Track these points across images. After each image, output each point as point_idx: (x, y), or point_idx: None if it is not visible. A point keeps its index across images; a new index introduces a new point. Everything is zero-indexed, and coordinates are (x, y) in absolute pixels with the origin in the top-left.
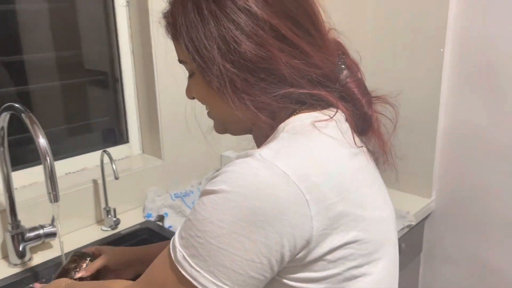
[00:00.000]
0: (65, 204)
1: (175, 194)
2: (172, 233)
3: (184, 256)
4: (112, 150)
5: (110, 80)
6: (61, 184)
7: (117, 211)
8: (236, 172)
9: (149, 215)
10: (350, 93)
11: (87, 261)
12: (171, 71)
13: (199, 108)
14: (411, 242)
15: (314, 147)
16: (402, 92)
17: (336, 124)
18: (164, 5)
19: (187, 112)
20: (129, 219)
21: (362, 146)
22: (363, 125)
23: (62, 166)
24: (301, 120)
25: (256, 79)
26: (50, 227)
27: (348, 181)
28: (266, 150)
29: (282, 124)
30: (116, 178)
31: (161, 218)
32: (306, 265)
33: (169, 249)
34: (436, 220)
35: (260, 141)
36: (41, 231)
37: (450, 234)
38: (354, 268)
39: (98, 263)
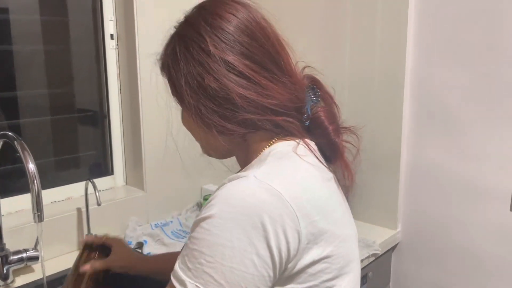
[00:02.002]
0: (49, 231)
1: (155, 224)
2: None
3: (197, 286)
4: (97, 181)
5: (98, 116)
6: (46, 211)
7: None
8: (234, 193)
9: (129, 243)
10: (319, 121)
11: (96, 254)
12: (156, 109)
13: (181, 144)
14: (379, 273)
15: (298, 172)
16: (367, 128)
17: (312, 152)
18: (150, 48)
19: (170, 146)
20: None
21: (331, 172)
22: (330, 152)
23: (49, 195)
24: (283, 147)
25: (217, 107)
26: (33, 251)
27: (326, 202)
28: (259, 172)
29: (267, 150)
30: (99, 205)
31: (140, 245)
32: (292, 276)
33: (172, 287)
34: (403, 252)
35: (242, 162)
36: (24, 255)
37: (416, 266)
38: (328, 281)
39: (101, 265)
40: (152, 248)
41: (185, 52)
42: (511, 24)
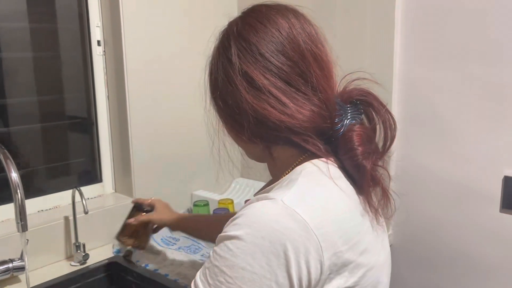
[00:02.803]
0: (36, 240)
1: None
2: (141, 268)
3: None
4: (85, 189)
5: (86, 123)
6: (33, 220)
7: (88, 248)
8: (259, 216)
9: (117, 251)
10: (347, 141)
11: (143, 213)
12: (144, 115)
13: (171, 150)
14: None
15: (328, 198)
16: None
17: (344, 176)
18: (138, 54)
19: (162, 153)
20: (99, 255)
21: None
22: (358, 176)
23: (36, 204)
24: (315, 167)
25: (236, 117)
26: (19, 260)
27: (355, 230)
28: (288, 197)
29: (299, 168)
30: (86, 213)
31: (129, 253)
32: None
33: None
34: (395, 255)
35: (272, 173)
36: (10, 265)
37: (408, 269)
38: None
39: (145, 218)
40: (140, 256)
41: (216, 59)
42: (500, 25)
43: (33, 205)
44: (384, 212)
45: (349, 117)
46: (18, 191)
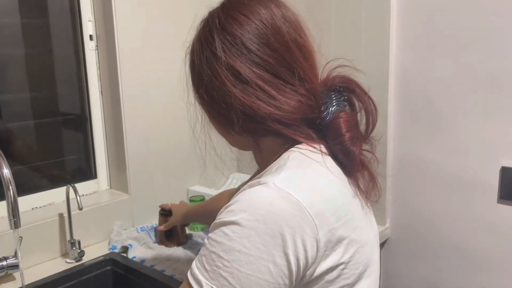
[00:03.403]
0: (30, 237)
1: (141, 228)
2: (137, 263)
3: None
4: (80, 185)
5: (80, 119)
6: (27, 217)
7: (83, 245)
8: (253, 201)
9: (114, 247)
10: (335, 127)
11: (166, 217)
12: (138, 110)
13: (166, 145)
14: None
15: (318, 178)
16: None
17: (332, 160)
18: (130, 48)
19: (157, 148)
20: (94, 252)
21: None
22: (347, 162)
23: (30, 201)
24: (302, 152)
25: (223, 111)
26: (14, 258)
27: (346, 207)
28: (279, 180)
29: (286, 154)
30: (80, 209)
31: (125, 249)
32: (309, 283)
33: (188, 285)
34: (392, 248)
35: (260, 162)
36: (4, 263)
37: (406, 261)
38: (347, 286)
39: (167, 224)
40: (137, 252)
41: (199, 52)
42: (496, 16)
43: (27, 202)
44: (371, 196)
45: (334, 104)
46: (10, 187)
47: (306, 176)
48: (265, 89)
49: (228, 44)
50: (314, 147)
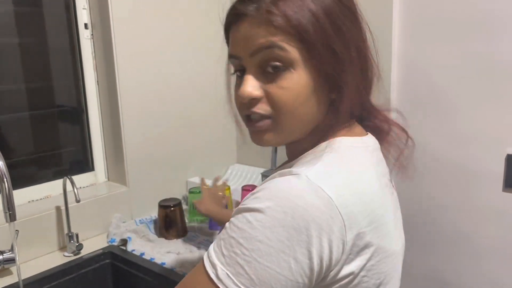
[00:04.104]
0: (27, 231)
1: (139, 220)
2: (136, 257)
3: (227, 274)
4: (77, 178)
5: (76, 111)
6: (24, 211)
7: (82, 238)
8: (282, 191)
9: (113, 240)
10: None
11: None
12: (136, 100)
13: (165, 136)
14: None
15: (354, 175)
16: None
17: (372, 153)
18: (127, 36)
19: (155, 139)
20: (93, 245)
21: (390, 178)
22: (381, 125)
23: (26, 194)
24: (344, 143)
25: (363, 81)
26: (10, 252)
27: (379, 212)
28: (313, 172)
29: (324, 143)
30: (78, 201)
31: (124, 242)
32: (328, 286)
33: (203, 267)
34: None
35: (294, 153)
36: (0, 257)
37: (409, 251)
38: None
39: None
40: (136, 245)
41: (342, 15)
42: (502, 3)
43: (23, 195)
44: (403, 161)
45: None
46: (5, 179)
47: (343, 171)
48: (368, 65)
49: (355, 18)
50: (357, 139)
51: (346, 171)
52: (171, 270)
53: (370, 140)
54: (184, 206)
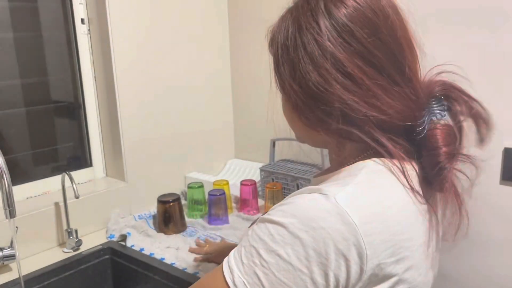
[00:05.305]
0: (26, 227)
1: (139, 216)
2: (136, 252)
3: (244, 283)
4: (75, 173)
5: (73, 106)
6: (22, 207)
7: (81, 234)
8: (307, 210)
9: (112, 236)
10: (431, 140)
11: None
12: (133, 95)
13: (163, 131)
14: None
15: (385, 203)
16: None
17: (414, 178)
18: (124, 32)
19: (153, 135)
20: (92, 240)
21: (429, 204)
22: (436, 181)
23: (24, 190)
24: (379, 166)
25: (315, 107)
26: (10, 249)
27: (406, 244)
28: (343, 195)
29: (361, 163)
30: (77, 197)
31: (123, 237)
32: None
33: (221, 271)
34: None
35: (333, 162)
36: (0, 253)
37: None
38: None
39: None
40: (136, 240)
41: (297, 37)
42: None
43: (21, 191)
44: (447, 234)
45: (433, 112)
46: (4, 175)
47: (373, 198)
48: (368, 85)
49: (333, 31)
50: (396, 163)
51: (377, 198)
52: (171, 265)
53: (410, 166)
54: (183, 201)
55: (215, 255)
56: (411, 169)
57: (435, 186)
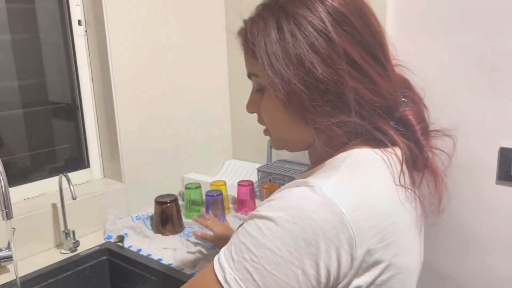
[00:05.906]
0: (23, 229)
1: (136, 217)
2: (133, 253)
3: (235, 279)
4: (73, 175)
5: (70, 108)
6: (20, 208)
7: (78, 235)
8: (295, 202)
9: (109, 237)
10: (406, 121)
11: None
12: (131, 96)
13: (160, 132)
14: None
15: (369, 190)
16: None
17: (393, 166)
18: (121, 33)
19: (150, 135)
20: (90, 241)
21: (413, 190)
22: (417, 157)
23: (21, 192)
24: (362, 155)
25: (323, 101)
26: (7, 250)
27: (393, 229)
28: (328, 186)
29: (344, 154)
30: (74, 199)
31: (121, 238)
32: None
33: (212, 269)
34: None
35: (315, 160)
36: None
37: None
38: None
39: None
40: (133, 241)
41: (295, 30)
42: None
43: (18, 193)
44: (429, 215)
45: (404, 101)
46: (1, 177)
47: (358, 186)
48: (370, 73)
49: (337, 23)
50: (378, 151)
51: (362, 186)
52: (168, 266)
53: (393, 152)
54: (181, 202)
55: (215, 238)
56: (395, 154)
57: (419, 165)
